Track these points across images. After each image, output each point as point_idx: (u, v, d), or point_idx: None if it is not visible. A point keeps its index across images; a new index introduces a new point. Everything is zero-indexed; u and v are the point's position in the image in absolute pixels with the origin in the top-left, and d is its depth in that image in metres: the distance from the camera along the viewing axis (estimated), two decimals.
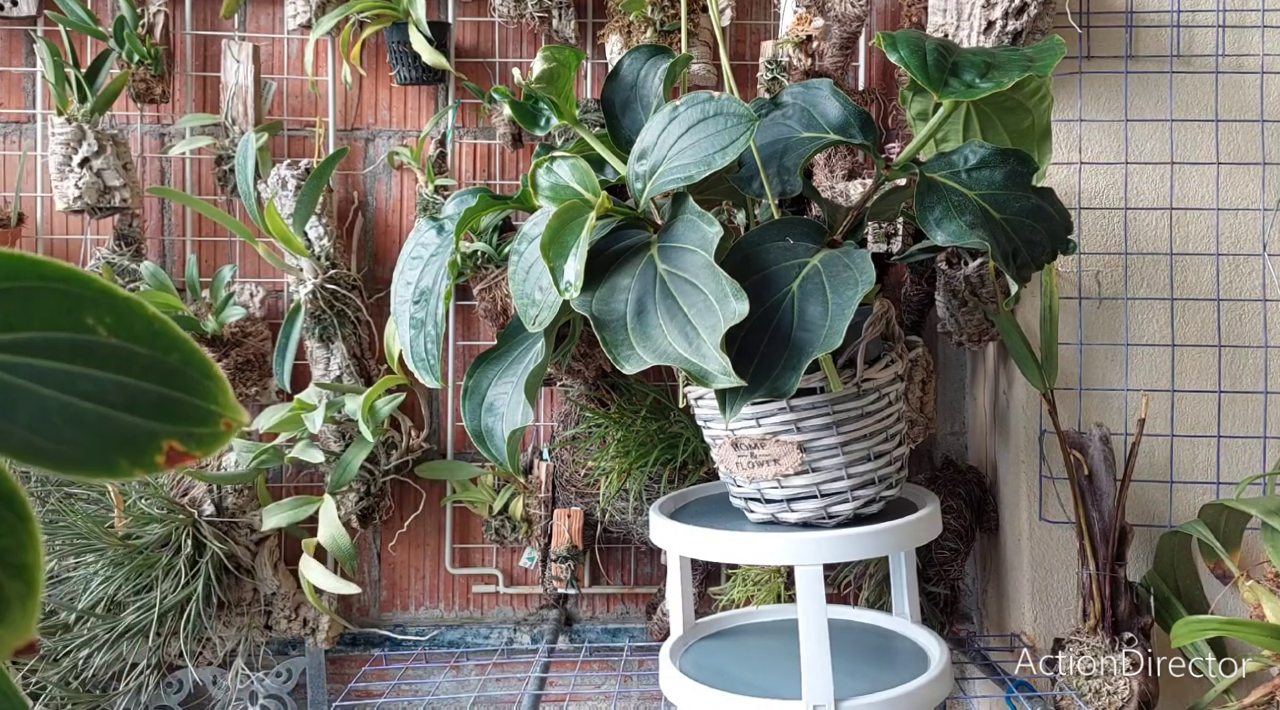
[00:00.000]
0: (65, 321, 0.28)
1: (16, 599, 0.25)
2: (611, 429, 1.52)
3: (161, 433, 0.29)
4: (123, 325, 0.29)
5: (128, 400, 0.29)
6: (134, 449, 0.28)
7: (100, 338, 0.29)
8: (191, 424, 0.29)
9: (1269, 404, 1.36)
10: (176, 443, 0.29)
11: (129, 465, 0.28)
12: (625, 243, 0.94)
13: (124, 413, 0.28)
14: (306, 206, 1.41)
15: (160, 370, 0.29)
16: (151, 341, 0.29)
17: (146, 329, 0.29)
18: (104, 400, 0.28)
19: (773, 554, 1.04)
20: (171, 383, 0.29)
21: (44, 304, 0.28)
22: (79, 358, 0.28)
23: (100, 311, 0.29)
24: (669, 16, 1.48)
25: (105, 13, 1.62)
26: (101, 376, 0.28)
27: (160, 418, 0.29)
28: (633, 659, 1.53)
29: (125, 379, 0.29)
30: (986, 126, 1.06)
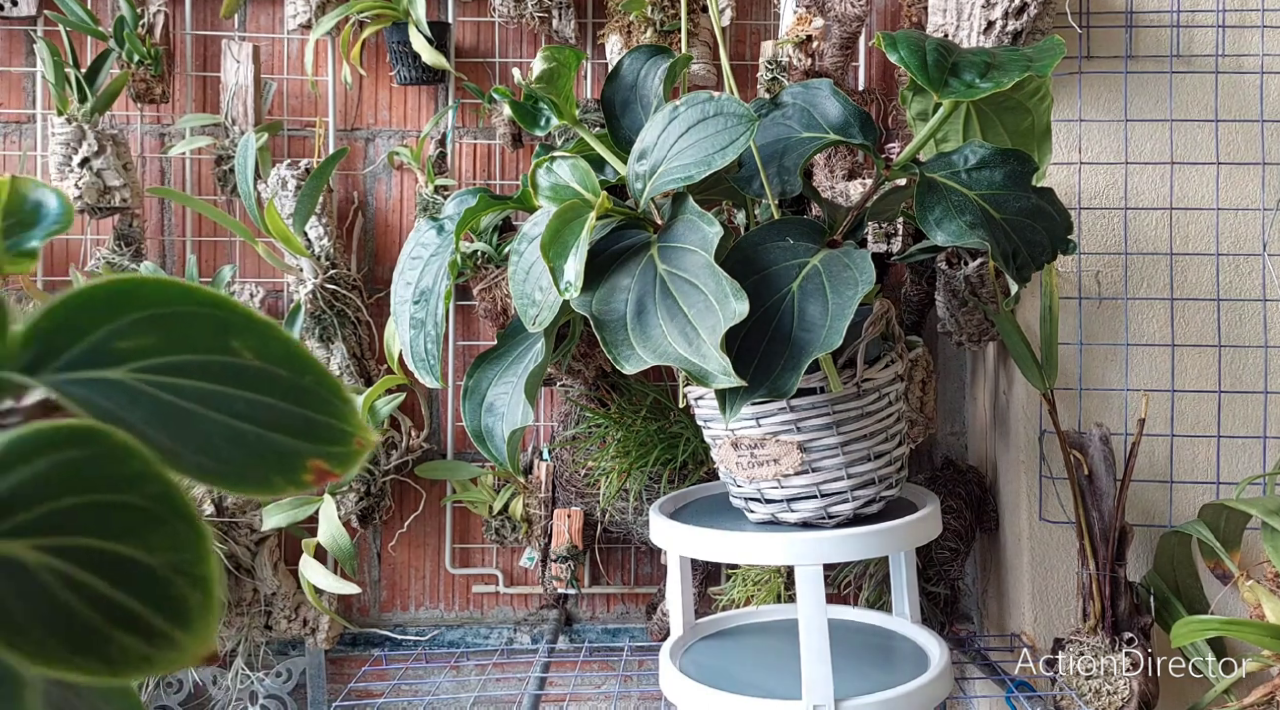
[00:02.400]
0: (216, 345, 0.29)
1: (198, 608, 0.27)
2: (611, 429, 1.52)
3: (307, 452, 0.30)
4: (264, 349, 0.30)
5: (275, 421, 0.30)
6: (286, 467, 0.30)
7: (246, 360, 0.30)
8: (331, 443, 0.30)
9: (1269, 404, 1.36)
10: (321, 462, 0.30)
11: (283, 483, 0.29)
12: (625, 243, 0.94)
13: (273, 432, 0.30)
14: (306, 206, 1.41)
15: (298, 392, 0.30)
16: (289, 364, 0.30)
17: (284, 352, 0.30)
18: (255, 421, 0.30)
19: (773, 554, 1.04)
20: (309, 404, 0.31)
21: (198, 328, 0.29)
22: (230, 380, 0.30)
23: (245, 336, 0.30)
24: (669, 16, 1.48)
25: (105, 13, 1.62)
26: (251, 398, 0.30)
27: (304, 437, 0.30)
28: (633, 659, 1.53)
29: (270, 400, 0.30)
30: (986, 126, 1.06)
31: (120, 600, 0.26)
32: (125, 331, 0.29)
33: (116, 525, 0.26)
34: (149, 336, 0.29)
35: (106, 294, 0.29)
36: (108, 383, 0.28)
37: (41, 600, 0.25)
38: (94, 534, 0.26)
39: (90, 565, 0.26)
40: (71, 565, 0.26)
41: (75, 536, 0.26)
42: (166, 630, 0.26)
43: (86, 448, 0.26)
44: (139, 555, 0.26)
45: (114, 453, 0.26)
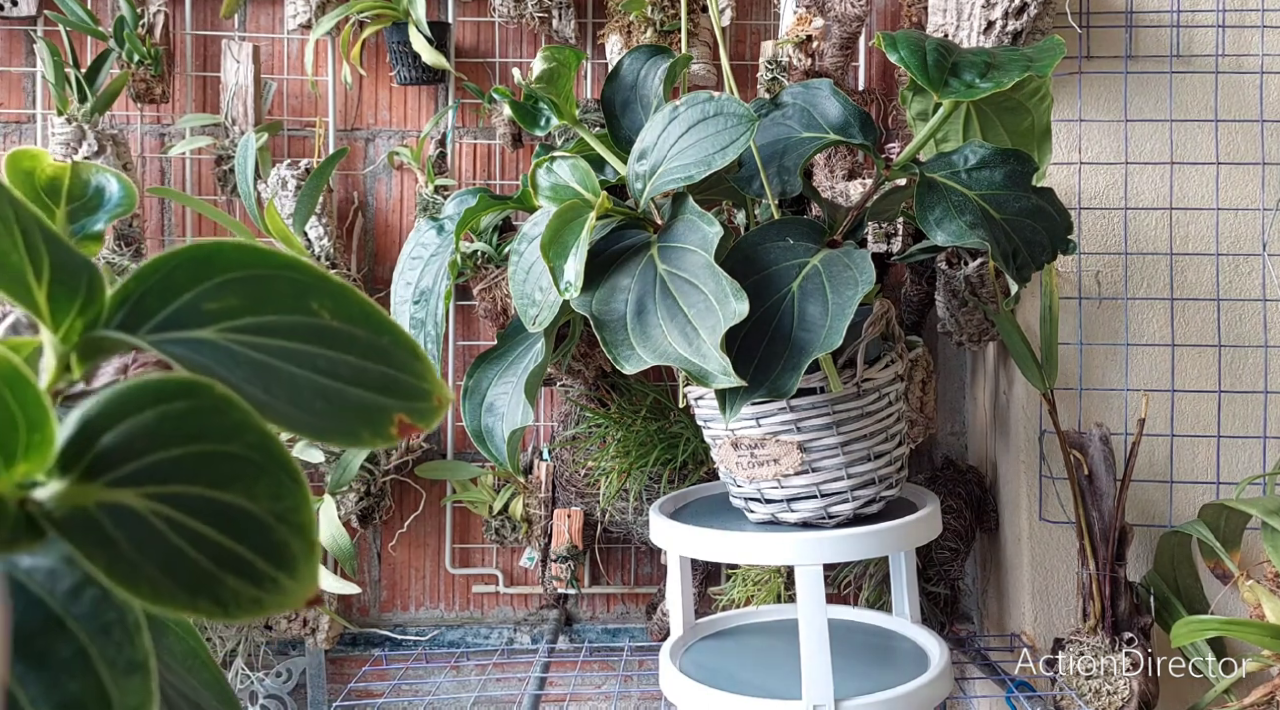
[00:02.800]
0: (296, 305, 0.31)
1: (301, 554, 0.28)
2: (611, 429, 1.52)
3: (391, 407, 0.31)
4: (341, 309, 0.31)
5: (358, 377, 0.31)
6: (372, 420, 0.31)
7: (325, 320, 0.31)
8: (412, 399, 0.31)
9: (1269, 404, 1.36)
10: (405, 415, 0.31)
11: (370, 435, 0.30)
12: (625, 243, 0.94)
13: (357, 388, 0.31)
14: (306, 206, 1.41)
15: (377, 350, 0.31)
16: (366, 324, 0.31)
17: (361, 312, 0.31)
18: (339, 377, 0.30)
19: (773, 554, 1.04)
20: (389, 361, 0.31)
21: (278, 290, 0.30)
22: (312, 338, 0.31)
23: (322, 297, 0.31)
24: (669, 16, 1.48)
25: (105, 13, 1.62)
26: (333, 355, 0.31)
27: (386, 393, 0.31)
28: (633, 659, 1.53)
29: (351, 358, 0.31)
30: (986, 126, 1.06)
31: (228, 545, 0.27)
32: (211, 293, 0.30)
33: (221, 474, 0.27)
34: (233, 298, 0.30)
35: (191, 258, 0.30)
36: (199, 341, 0.29)
37: (156, 545, 0.26)
38: (200, 482, 0.27)
39: (198, 512, 0.27)
40: (180, 512, 0.27)
41: (183, 484, 0.27)
42: (273, 574, 0.27)
43: (189, 400, 0.27)
44: (243, 502, 0.27)
45: (215, 405, 0.27)
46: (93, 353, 0.30)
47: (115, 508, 0.26)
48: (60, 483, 0.26)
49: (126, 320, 0.30)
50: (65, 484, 0.26)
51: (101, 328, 0.30)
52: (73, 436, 0.27)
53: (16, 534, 0.25)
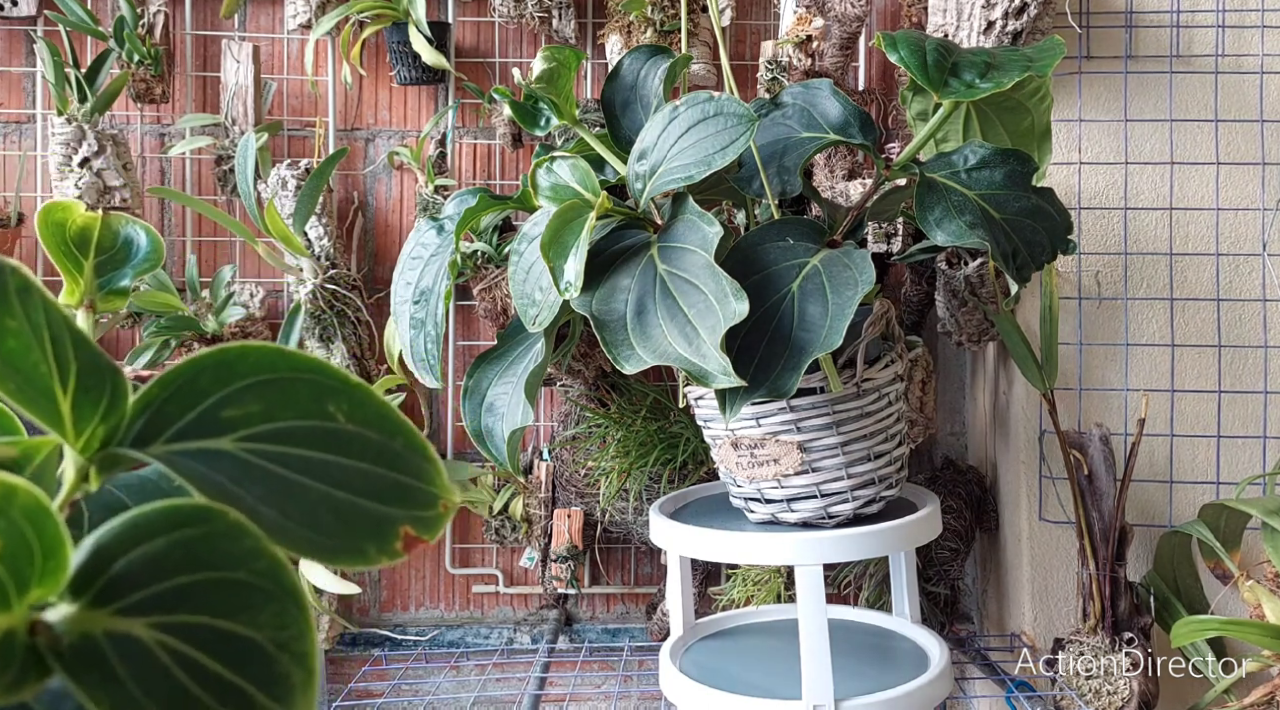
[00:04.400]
0: (314, 409, 0.30)
1: (300, 685, 0.28)
2: (611, 429, 1.52)
3: (399, 518, 0.31)
4: (357, 411, 0.31)
5: (369, 487, 0.30)
6: (379, 536, 0.30)
7: (340, 424, 0.31)
8: (419, 508, 0.31)
9: (1269, 404, 1.36)
10: (410, 527, 0.31)
11: (376, 552, 0.30)
12: (625, 243, 0.94)
13: (367, 500, 0.30)
14: (306, 206, 1.41)
15: (389, 455, 0.31)
16: (380, 426, 0.31)
17: (376, 414, 0.31)
18: (351, 488, 0.30)
19: (773, 554, 1.04)
20: (399, 467, 0.31)
21: (297, 394, 0.30)
22: (328, 446, 0.30)
23: (339, 399, 0.31)
24: (669, 16, 1.48)
25: (105, 13, 1.62)
26: (347, 464, 0.30)
27: (395, 503, 0.31)
28: (633, 659, 1.53)
29: (364, 465, 0.31)
30: (986, 126, 1.06)
31: (230, 679, 0.27)
32: (232, 399, 0.30)
33: (227, 602, 0.27)
34: (254, 404, 0.30)
35: (217, 362, 0.30)
36: (217, 454, 0.29)
37: (159, 682, 0.26)
38: (206, 611, 0.27)
39: (202, 643, 0.27)
40: (185, 643, 0.26)
41: (188, 614, 0.27)
42: (271, 708, 0.27)
43: (201, 527, 0.27)
44: (248, 631, 0.27)
45: (227, 531, 0.27)
46: (110, 466, 0.30)
47: (122, 638, 0.26)
48: (71, 607, 0.27)
49: (146, 429, 0.30)
50: (75, 609, 0.27)
51: (122, 436, 0.30)
52: (85, 562, 0.27)
53: (24, 674, 0.25)
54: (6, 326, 0.28)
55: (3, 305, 0.28)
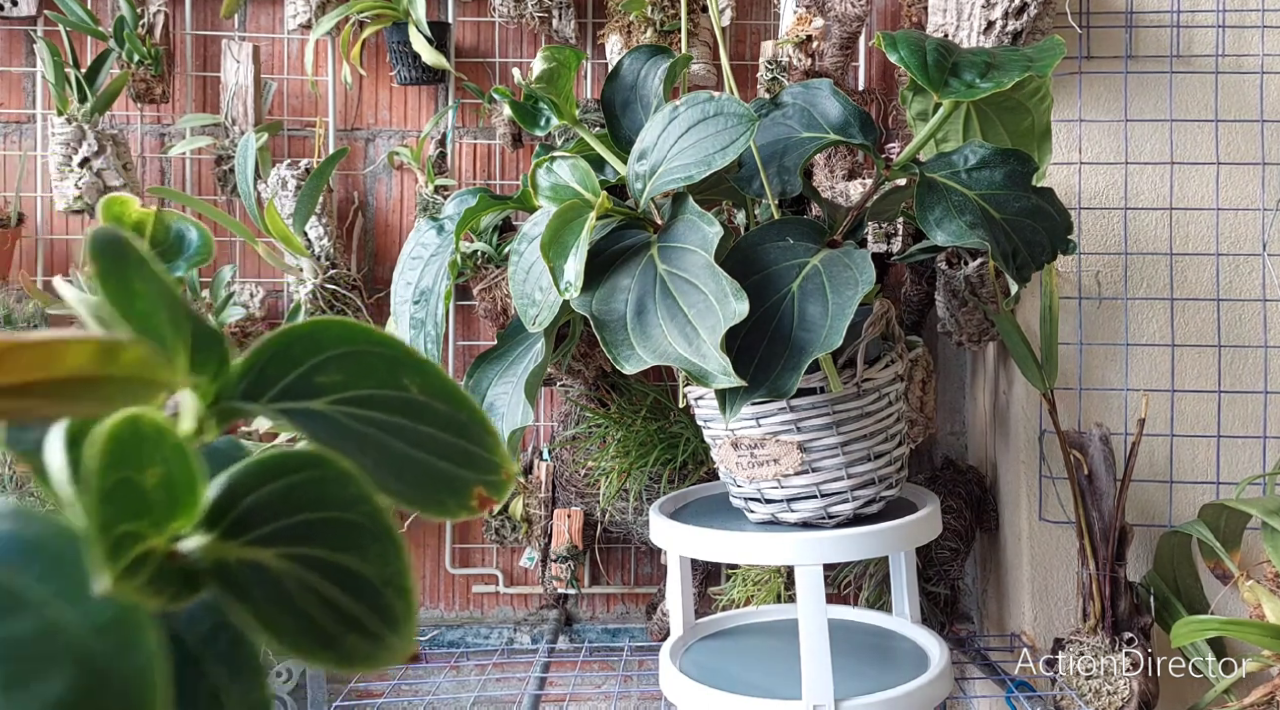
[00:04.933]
0: (390, 380, 0.34)
1: (404, 616, 0.31)
2: (611, 429, 1.52)
3: (471, 479, 0.34)
4: (427, 385, 0.34)
5: (441, 450, 0.34)
6: (455, 492, 0.33)
7: (414, 394, 0.34)
8: (487, 473, 0.34)
9: (1269, 404, 1.36)
10: (482, 488, 0.34)
11: (454, 506, 0.33)
12: (625, 243, 0.94)
13: (442, 461, 0.33)
14: (306, 206, 1.41)
15: (457, 425, 0.34)
16: (447, 399, 0.34)
17: (442, 388, 0.34)
18: (426, 449, 0.33)
19: (773, 554, 1.04)
20: (466, 436, 0.34)
21: (374, 365, 0.33)
22: (404, 412, 0.34)
23: (411, 373, 0.34)
24: (669, 16, 1.48)
25: (105, 13, 1.62)
26: (422, 430, 0.34)
27: (466, 466, 0.34)
28: (633, 659, 1.53)
29: (435, 432, 0.34)
30: (986, 126, 1.06)
31: (347, 605, 0.30)
32: (322, 367, 0.33)
33: (340, 539, 0.30)
34: (339, 372, 0.33)
35: (307, 334, 0.33)
36: (313, 413, 0.33)
37: (287, 600, 0.29)
38: (324, 545, 0.30)
39: (321, 572, 0.30)
40: (307, 571, 0.30)
41: (309, 547, 0.30)
42: (382, 633, 0.30)
43: (316, 471, 0.30)
44: (358, 566, 0.30)
45: (338, 476, 0.30)
46: (225, 419, 0.33)
47: (254, 564, 0.29)
48: (204, 538, 0.29)
49: (250, 389, 0.33)
50: (209, 539, 0.29)
51: (230, 395, 0.33)
52: (219, 498, 0.30)
53: (180, 589, 0.28)
54: (136, 289, 0.30)
55: (132, 270, 0.30)
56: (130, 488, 0.27)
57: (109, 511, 0.26)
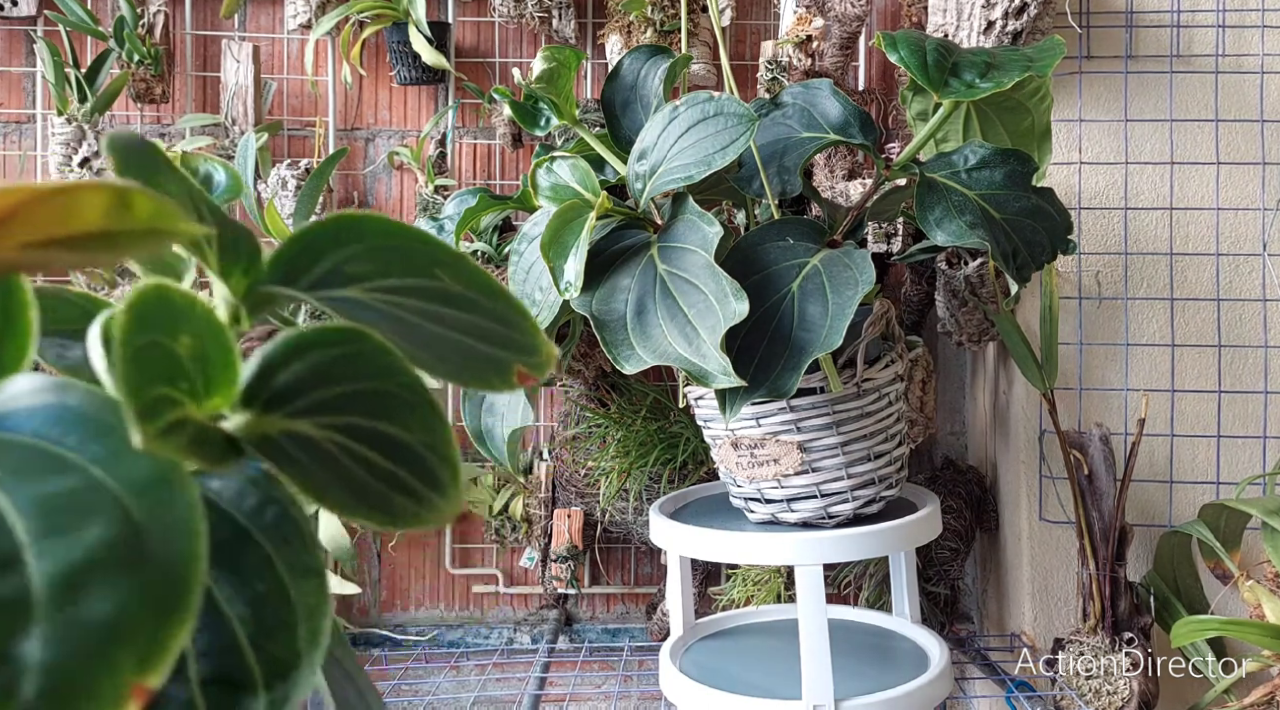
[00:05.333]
0: (424, 271, 0.35)
1: (449, 479, 0.32)
2: (611, 429, 1.52)
3: (511, 359, 0.35)
4: (459, 276, 0.35)
5: (481, 334, 0.35)
6: (498, 368, 0.34)
7: (448, 285, 0.35)
8: (527, 354, 0.35)
9: (1269, 404, 1.36)
10: (523, 367, 0.35)
11: (499, 382, 0.34)
12: (625, 243, 0.94)
13: (482, 343, 0.34)
14: (306, 206, 1.41)
15: (493, 312, 0.35)
16: (482, 289, 0.35)
17: (477, 279, 0.35)
18: (466, 332, 0.34)
19: (773, 554, 1.04)
20: (503, 321, 0.35)
21: (408, 257, 0.34)
22: (440, 300, 0.35)
23: (444, 265, 0.35)
24: (669, 16, 1.48)
25: (105, 13, 1.62)
26: (459, 315, 0.35)
27: (506, 347, 0.35)
28: (633, 659, 1.53)
29: (473, 317, 0.35)
30: (986, 126, 1.06)
31: (391, 469, 0.31)
32: (351, 259, 0.34)
33: (380, 408, 0.31)
34: (371, 264, 0.34)
35: (334, 228, 0.34)
36: (346, 299, 0.33)
37: (333, 466, 0.30)
38: (363, 414, 0.31)
39: (364, 439, 0.31)
40: (350, 439, 0.31)
41: (349, 416, 0.31)
42: (428, 494, 0.31)
43: (351, 345, 0.31)
44: (400, 433, 0.31)
45: (373, 349, 0.31)
46: (259, 306, 0.34)
47: (295, 435, 0.30)
48: (244, 415, 0.30)
49: (282, 279, 0.34)
50: (249, 415, 0.30)
51: (262, 283, 0.34)
52: (255, 374, 0.31)
53: (223, 453, 0.29)
54: (168, 189, 0.31)
55: (162, 170, 0.31)
56: (162, 351, 0.27)
57: (141, 371, 0.26)
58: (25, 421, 0.25)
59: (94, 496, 0.24)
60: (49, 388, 0.26)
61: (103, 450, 0.25)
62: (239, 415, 0.30)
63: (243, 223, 0.34)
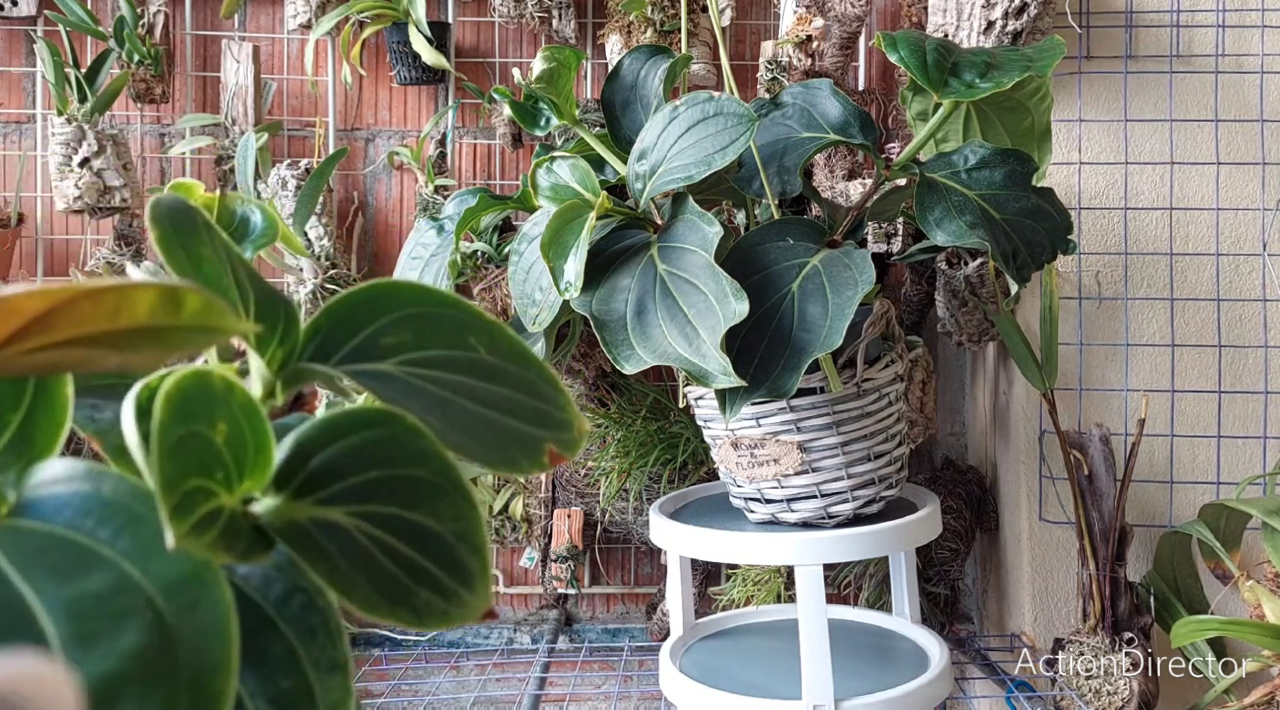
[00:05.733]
0: (457, 341, 0.34)
1: (478, 572, 0.31)
2: (611, 429, 1.52)
3: (543, 437, 0.34)
4: (495, 345, 0.34)
5: (513, 409, 0.34)
6: (528, 449, 0.33)
7: (481, 355, 0.34)
8: (558, 430, 0.34)
9: (1269, 404, 1.36)
10: (554, 446, 0.34)
11: (527, 464, 0.33)
12: (625, 243, 0.94)
13: (513, 419, 0.33)
14: (306, 206, 1.41)
15: (526, 384, 0.34)
16: (516, 359, 0.34)
17: (510, 348, 0.34)
18: (497, 408, 0.33)
19: (773, 554, 1.04)
20: (536, 394, 0.34)
21: (442, 326, 0.34)
22: (472, 372, 0.34)
23: (478, 334, 0.34)
24: (669, 16, 1.48)
25: (105, 13, 1.62)
26: (491, 389, 0.34)
27: (537, 424, 0.34)
28: (633, 659, 1.53)
29: (506, 390, 0.34)
30: (986, 126, 1.06)
31: (419, 561, 0.30)
32: (387, 329, 0.33)
33: (412, 496, 0.30)
34: (405, 334, 0.33)
35: (368, 297, 0.33)
36: (381, 374, 0.33)
37: (361, 558, 0.29)
38: (395, 502, 0.30)
39: (394, 529, 0.30)
40: (379, 529, 0.30)
41: (380, 504, 0.30)
42: (456, 589, 0.30)
43: (386, 429, 0.30)
44: (430, 522, 0.30)
45: (406, 433, 0.30)
46: (294, 381, 0.33)
47: (325, 523, 0.29)
48: (275, 499, 0.29)
49: (317, 353, 0.33)
50: (280, 500, 0.29)
51: (298, 358, 0.33)
52: (288, 458, 0.30)
53: (251, 545, 0.28)
54: (203, 255, 0.30)
55: (199, 237, 0.31)
56: (199, 441, 0.27)
57: (177, 464, 0.26)
58: (58, 512, 0.25)
59: (126, 599, 0.23)
60: (82, 475, 0.26)
61: (135, 544, 0.24)
62: (270, 499, 0.29)
63: (280, 292, 0.33)
